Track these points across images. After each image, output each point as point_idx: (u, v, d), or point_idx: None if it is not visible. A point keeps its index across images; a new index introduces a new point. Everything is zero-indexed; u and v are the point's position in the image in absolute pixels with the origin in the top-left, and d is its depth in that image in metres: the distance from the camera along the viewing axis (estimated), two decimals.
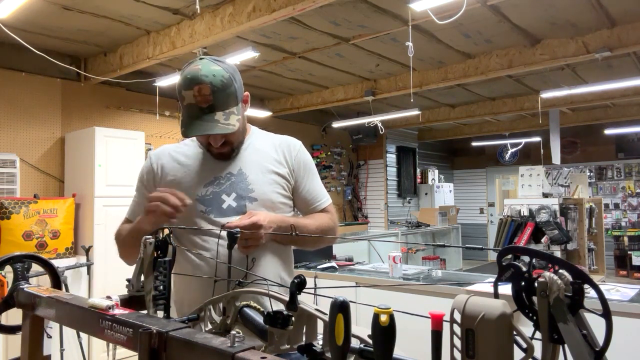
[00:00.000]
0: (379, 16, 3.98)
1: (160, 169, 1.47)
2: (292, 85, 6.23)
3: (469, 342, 0.61)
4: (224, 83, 1.30)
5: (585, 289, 0.61)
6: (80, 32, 4.20)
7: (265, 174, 1.44)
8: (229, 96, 1.32)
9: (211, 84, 1.28)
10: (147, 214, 1.30)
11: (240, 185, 1.40)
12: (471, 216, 11.12)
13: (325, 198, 1.54)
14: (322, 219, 1.49)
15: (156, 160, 1.49)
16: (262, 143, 1.51)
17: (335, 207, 6.42)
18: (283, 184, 1.46)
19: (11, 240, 3.84)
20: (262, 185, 1.41)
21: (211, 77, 1.28)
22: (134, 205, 1.51)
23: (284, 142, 1.53)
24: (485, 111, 7.49)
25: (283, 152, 1.50)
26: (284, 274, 1.44)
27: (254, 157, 1.46)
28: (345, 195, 8.52)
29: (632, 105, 7.46)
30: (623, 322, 2.28)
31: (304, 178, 1.51)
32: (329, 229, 1.49)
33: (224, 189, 1.39)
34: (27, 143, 4.48)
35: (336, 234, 1.55)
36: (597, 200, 5.28)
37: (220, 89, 1.29)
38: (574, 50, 4.46)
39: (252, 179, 1.41)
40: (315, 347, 0.79)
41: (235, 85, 1.34)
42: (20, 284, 1.17)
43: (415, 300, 2.97)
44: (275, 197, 1.43)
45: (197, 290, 1.32)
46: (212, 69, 1.30)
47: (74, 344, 3.73)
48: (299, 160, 1.50)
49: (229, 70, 1.35)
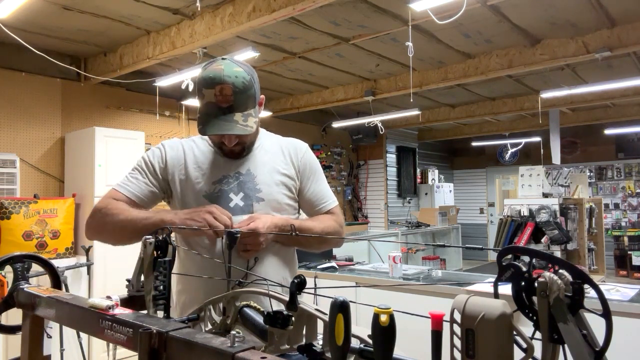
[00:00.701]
0: (379, 16, 3.98)
1: (172, 162, 1.44)
2: (292, 85, 6.23)
3: (469, 342, 0.61)
4: (245, 85, 1.32)
5: (585, 289, 0.61)
6: (80, 32, 4.20)
7: (273, 175, 1.45)
8: (249, 98, 1.34)
9: (233, 84, 1.30)
10: (191, 226, 1.26)
11: (248, 185, 1.41)
12: (471, 216, 11.12)
13: (330, 200, 1.55)
14: (327, 220, 1.50)
15: (169, 152, 1.46)
16: (270, 145, 1.53)
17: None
18: (290, 185, 1.48)
19: (11, 240, 3.84)
20: (270, 186, 1.43)
21: (234, 78, 1.31)
22: (133, 184, 1.42)
23: (290, 144, 1.56)
24: (485, 111, 7.49)
25: (290, 153, 1.52)
26: (287, 275, 1.45)
27: (263, 158, 1.47)
28: (345, 195, 8.52)
29: (632, 105, 7.46)
30: (623, 322, 2.27)
31: (309, 180, 1.52)
32: (334, 231, 1.50)
33: (232, 187, 1.41)
34: (27, 143, 4.48)
35: (342, 236, 1.55)
36: (597, 200, 5.28)
37: (241, 90, 1.31)
38: (574, 50, 4.46)
39: (260, 180, 1.43)
40: (315, 347, 0.79)
41: (255, 87, 1.37)
42: (20, 284, 1.17)
43: (415, 300, 2.97)
44: (281, 198, 1.44)
45: (199, 289, 1.33)
46: (235, 70, 1.33)
47: (74, 344, 3.73)
48: (304, 162, 1.52)
49: (250, 72, 1.37)
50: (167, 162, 1.44)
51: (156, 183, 1.44)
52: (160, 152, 1.47)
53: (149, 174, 1.44)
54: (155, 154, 1.46)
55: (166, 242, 1.05)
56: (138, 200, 1.41)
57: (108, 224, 1.35)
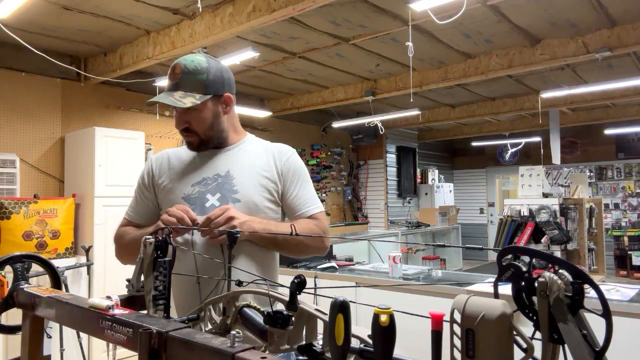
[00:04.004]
0: (379, 16, 3.98)
1: (158, 171, 1.52)
2: (292, 85, 6.23)
3: (469, 342, 0.61)
4: (196, 69, 1.38)
5: (585, 289, 0.61)
6: (80, 32, 4.20)
7: (253, 176, 1.44)
8: (197, 82, 1.39)
9: (184, 65, 1.38)
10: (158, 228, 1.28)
11: (226, 186, 1.42)
12: (471, 216, 11.12)
13: (314, 205, 1.50)
14: (308, 225, 1.45)
15: (155, 162, 1.55)
16: (253, 147, 1.53)
17: (335, 207, 6.41)
18: (270, 188, 1.45)
19: (11, 240, 3.84)
20: (248, 187, 1.42)
21: (188, 61, 1.39)
22: (134, 206, 1.54)
23: (275, 148, 1.54)
24: (485, 111, 7.49)
25: (274, 157, 1.50)
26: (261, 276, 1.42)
27: (244, 160, 1.47)
28: (345, 195, 8.52)
29: (632, 105, 7.46)
30: (623, 322, 2.28)
31: (292, 184, 1.49)
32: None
33: (210, 189, 1.42)
34: (27, 143, 4.48)
35: (324, 242, 1.50)
36: (597, 200, 5.29)
37: (190, 71, 1.38)
38: (574, 50, 4.46)
39: (238, 181, 1.43)
40: (315, 347, 0.79)
41: (210, 77, 1.40)
42: (20, 284, 1.17)
43: (415, 300, 2.97)
44: (259, 200, 1.42)
45: (180, 289, 1.36)
46: (196, 57, 1.41)
47: (74, 344, 3.73)
48: (288, 166, 1.49)
49: (213, 65, 1.42)
50: (153, 174, 1.52)
51: (151, 197, 1.52)
52: (148, 166, 1.55)
53: (144, 189, 1.53)
54: (144, 170, 1.56)
55: (166, 242, 1.05)
56: (141, 220, 1.51)
57: (123, 248, 1.48)
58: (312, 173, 7.77)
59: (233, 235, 1.14)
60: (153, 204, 1.51)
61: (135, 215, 1.52)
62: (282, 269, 3.49)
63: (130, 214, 1.53)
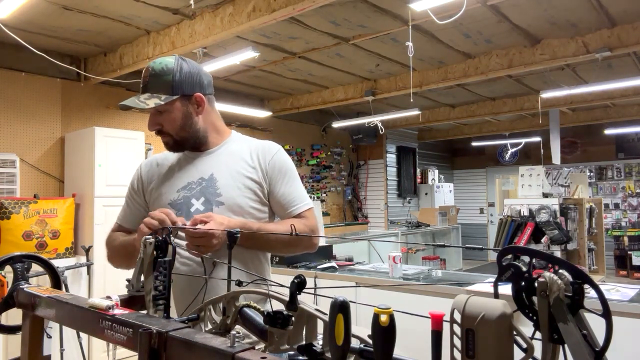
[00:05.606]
0: (379, 16, 3.98)
1: (146, 177, 1.54)
2: (292, 85, 6.23)
3: (469, 342, 0.61)
4: (162, 70, 1.39)
5: (585, 289, 0.61)
6: (80, 32, 4.20)
7: (236, 178, 1.43)
8: (163, 83, 1.38)
9: (152, 67, 1.39)
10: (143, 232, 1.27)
11: (209, 189, 1.42)
12: (471, 216, 11.12)
13: (302, 203, 1.48)
14: (295, 223, 1.40)
15: (144, 169, 1.57)
16: (238, 147, 1.51)
17: (335, 207, 6.41)
18: (255, 188, 1.44)
19: (11, 240, 3.84)
20: (231, 189, 1.41)
21: (157, 63, 1.39)
22: (125, 211, 1.56)
23: (260, 146, 1.51)
24: (485, 111, 7.49)
25: (258, 156, 1.48)
26: (245, 279, 1.41)
27: (227, 162, 1.46)
28: (345, 195, 8.52)
29: (632, 105, 7.46)
30: (623, 322, 2.28)
31: (278, 182, 1.47)
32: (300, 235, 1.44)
33: (194, 193, 1.42)
34: (27, 143, 4.48)
35: (312, 241, 1.49)
36: (597, 200, 5.29)
37: (157, 73, 1.38)
38: (574, 50, 4.46)
39: (221, 184, 1.42)
40: (315, 347, 0.79)
41: (177, 78, 1.39)
42: (20, 284, 1.17)
43: (415, 300, 2.97)
44: (243, 201, 1.41)
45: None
46: (165, 59, 1.41)
47: (74, 344, 3.73)
48: (273, 164, 1.47)
49: (185, 66, 1.41)
50: (142, 180, 1.54)
51: (141, 202, 1.53)
52: (137, 172, 1.57)
53: (134, 195, 1.55)
54: (134, 176, 1.58)
55: (166, 242, 1.05)
56: (131, 225, 1.51)
57: (113, 253, 1.51)
58: (312, 173, 7.77)
59: (233, 235, 1.14)
60: (144, 209, 1.51)
61: (126, 221, 1.54)
62: (282, 269, 3.50)
63: (121, 219, 1.55)
